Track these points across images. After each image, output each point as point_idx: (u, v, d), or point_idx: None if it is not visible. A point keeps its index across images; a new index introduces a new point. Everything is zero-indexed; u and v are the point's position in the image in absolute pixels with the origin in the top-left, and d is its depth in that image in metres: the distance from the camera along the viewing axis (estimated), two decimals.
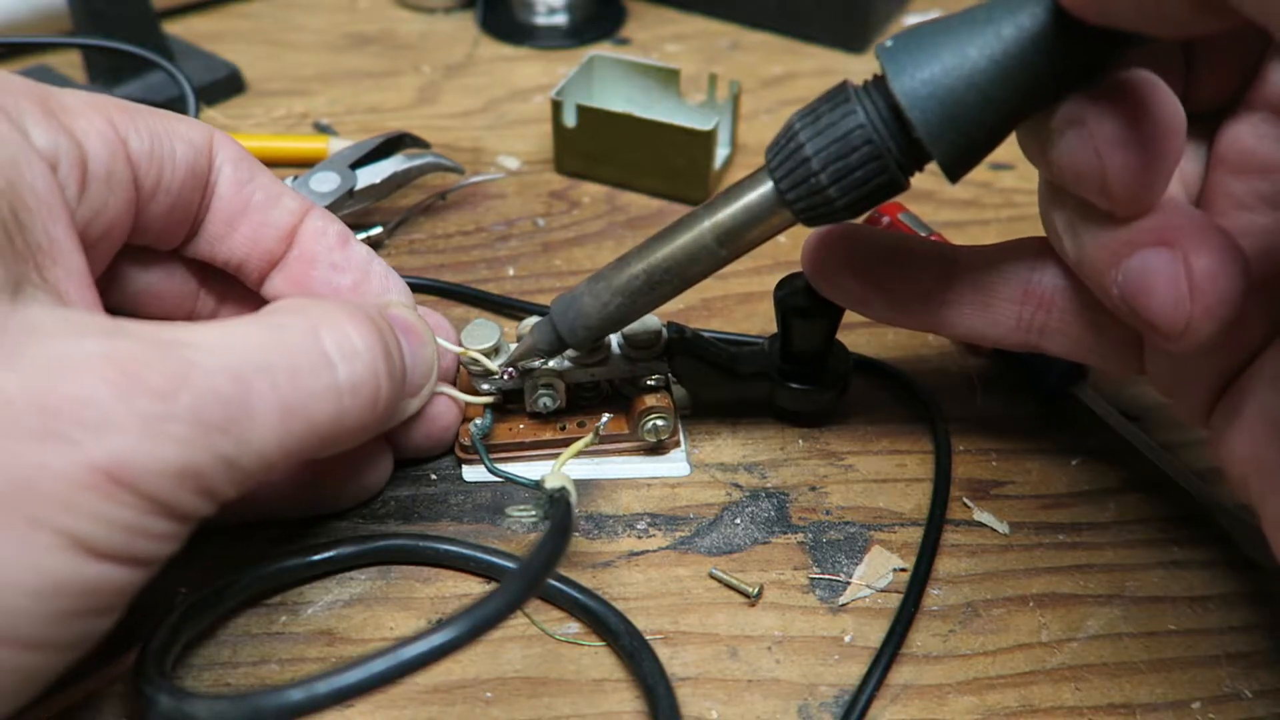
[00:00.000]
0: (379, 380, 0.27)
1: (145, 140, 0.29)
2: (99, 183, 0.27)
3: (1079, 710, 0.29)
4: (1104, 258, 0.26)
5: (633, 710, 0.29)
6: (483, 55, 0.61)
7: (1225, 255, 0.24)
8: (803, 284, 0.34)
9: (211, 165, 0.31)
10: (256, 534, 0.33)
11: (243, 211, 0.32)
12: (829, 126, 0.27)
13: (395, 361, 0.28)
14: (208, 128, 0.32)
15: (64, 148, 0.26)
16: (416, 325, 0.31)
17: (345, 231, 0.34)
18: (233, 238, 0.32)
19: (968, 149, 0.26)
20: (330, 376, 0.25)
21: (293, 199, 0.33)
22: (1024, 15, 0.24)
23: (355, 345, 0.26)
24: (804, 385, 0.36)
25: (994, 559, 0.33)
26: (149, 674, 0.25)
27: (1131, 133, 0.24)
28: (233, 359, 0.23)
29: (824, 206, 0.27)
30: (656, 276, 0.30)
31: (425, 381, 0.32)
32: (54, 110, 0.26)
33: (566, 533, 0.27)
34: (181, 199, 0.30)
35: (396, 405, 0.29)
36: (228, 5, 0.65)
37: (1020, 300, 0.31)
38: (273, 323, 0.25)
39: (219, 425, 0.23)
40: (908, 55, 0.25)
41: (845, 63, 0.60)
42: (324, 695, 0.21)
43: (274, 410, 0.24)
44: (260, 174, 0.33)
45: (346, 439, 0.27)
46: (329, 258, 0.33)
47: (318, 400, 0.25)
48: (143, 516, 0.22)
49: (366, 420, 0.27)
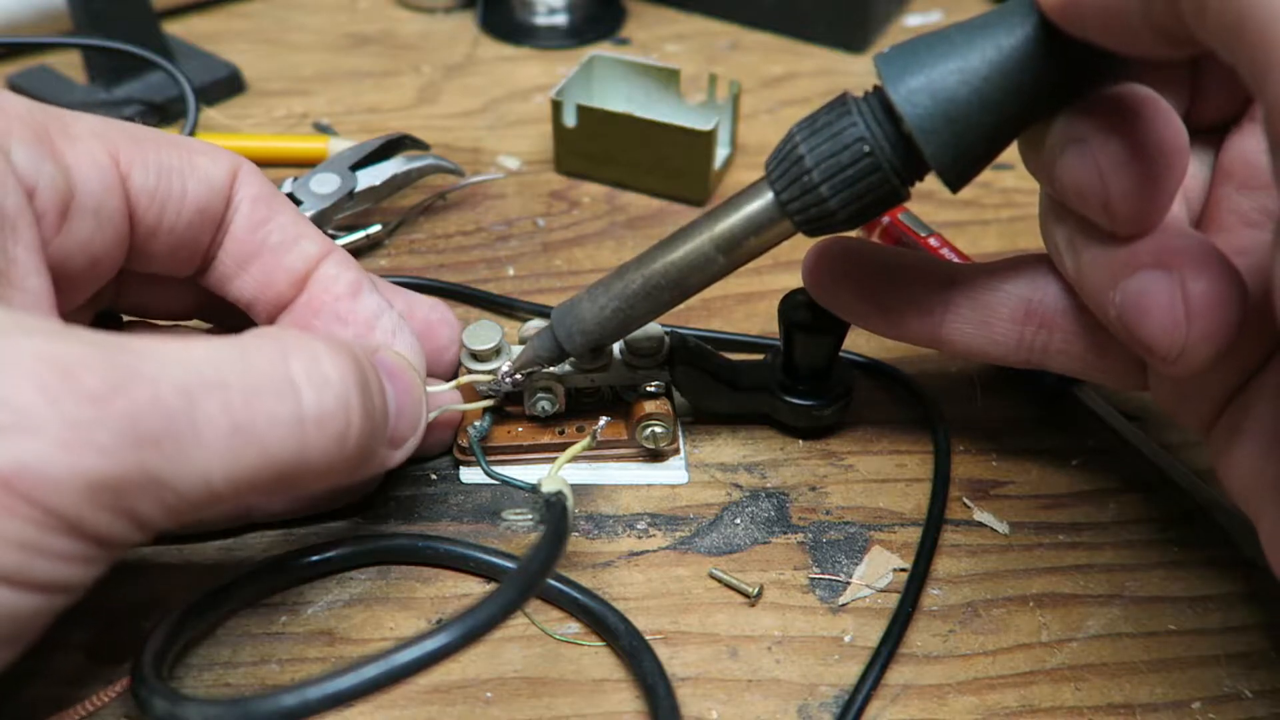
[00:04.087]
0: (350, 414, 0.24)
1: (151, 176, 0.28)
2: (86, 214, 0.26)
3: (1079, 710, 0.29)
4: (1103, 277, 0.26)
5: (633, 710, 0.29)
6: (483, 55, 0.61)
7: (1223, 280, 0.24)
8: (806, 299, 0.34)
9: (230, 203, 0.30)
10: (256, 534, 0.33)
11: (256, 253, 0.31)
12: (828, 136, 0.27)
13: (373, 400, 0.26)
14: (233, 161, 0.30)
15: (47, 174, 0.25)
16: (407, 373, 0.29)
17: (359, 281, 0.32)
18: (243, 278, 0.31)
19: (967, 158, 0.26)
20: (293, 403, 0.23)
21: (312, 243, 0.32)
22: (1022, 25, 0.24)
23: (326, 373, 0.24)
24: (805, 400, 0.35)
25: (994, 559, 0.33)
26: (145, 677, 0.25)
27: (1135, 153, 0.24)
28: (182, 372, 0.21)
29: (823, 216, 0.27)
30: (655, 284, 0.30)
31: (410, 433, 0.29)
32: (50, 137, 0.26)
33: (562, 537, 0.27)
34: (188, 237, 0.29)
35: (372, 449, 0.26)
36: (228, 5, 0.65)
37: (1022, 320, 0.30)
38: (240, 343, 0.24)
39: (153, 439, 0.20)
40: (906, 64, 0.25)
41: (845, 63, 0.60)
42: (316, 700, 0.21)
43: (222, 432, 0.22)
44: (280, 214, 0.31)
45: (311, 477, 0.24)
46: (335, 308, 0.31)
47: (276, 428, 0.23)
48: (42, 533, 0.19)
49: (333, 458, 0.24)
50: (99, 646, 0.30)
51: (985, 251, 0.46)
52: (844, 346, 0.36)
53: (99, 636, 0.30)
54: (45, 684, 0.29)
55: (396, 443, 0.28)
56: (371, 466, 0.28)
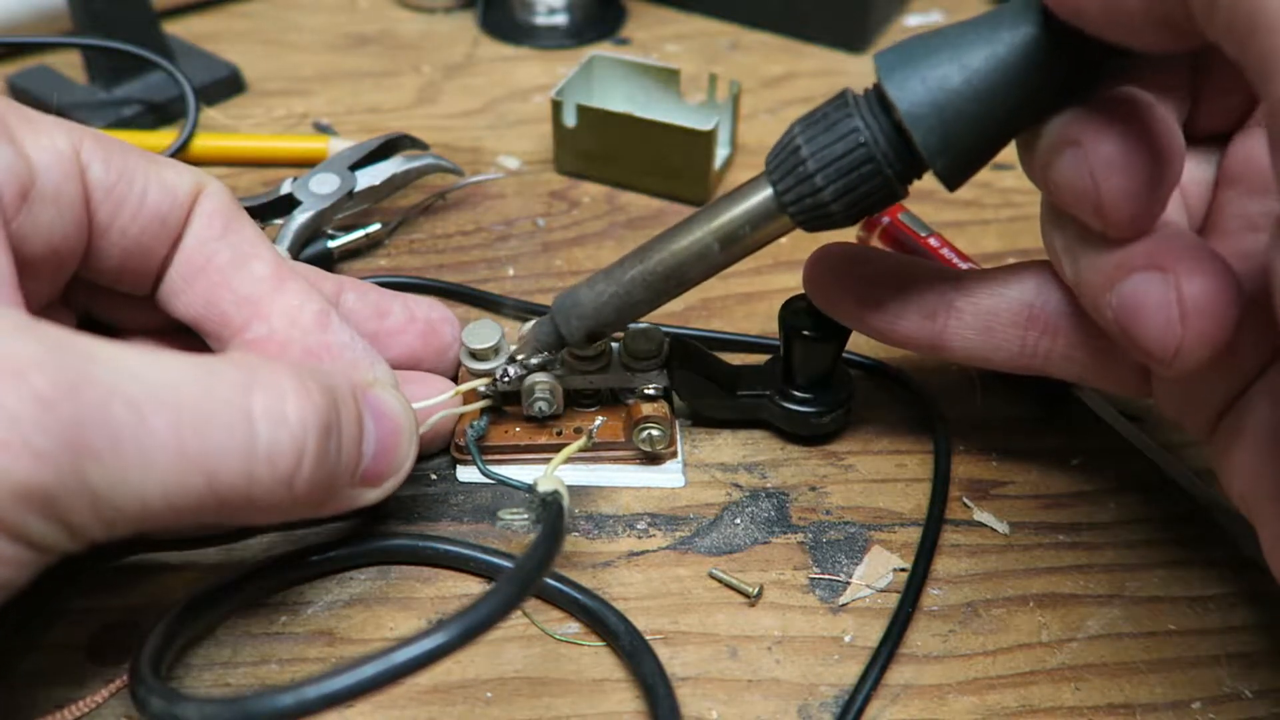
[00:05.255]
0: (302, 458, 0.24)
1: (111, 174, 0.28)
2: (45, 200, 0.26)
3: (1079, 710, 0.29)
4: (1099, 280, 0.26)
5: (633, 710, 0.29)
6: (483, 55, 0.61)
7: (1218, 281, 0.24)
8: (806, 305, 0.33)
9: (187, 216, 0.30)
10: (256, 534, 0.33)
11: (202, 269, 0.30)
12: (826, 132, 0.27)
13: (334, 444, 0.25)
14: (200, 178, 0.30)
15: (6, 158, 0.26)
16: (396, 412, 0.28)
17: (325, 311, 0.31)
18: (188, 294, 0.30)
19: (964, 157, 0.26)
20: (246, 436, 0.23)
21: (264, 265, 0.30)
22: (1021, 24, 0.24)
23: (286, 413, 0.24)
24: (805, 407, 0.35)
25: (994, 559, 0.33)
26: (143, 675, 0.25)
27: (1128, 156, 0.24)
28: (137, 386, 0.21)
29: (820, 212, 0.28)
30: (654, 276, 0.30)
31: (391, 473, 0.28)
32: (10, 125, 0.26)
33: (559, 535, 0.27)
34: (142, 244, 0.29)
35: (329, 492, 0.26)
36: (228, 5, 0.65)
37: (1024, 325, 0.30)
38: (206, 365, 0.23)
39: (94, 450, 0.20)
40: (905, 62, 0.25)
41: (845, 63, 0.60)
42: (313, 700, 0.21)
43: (168, 454, 0.21)
44: (235, 234, 0.30)
45: (255, 512, 0.24)
46: (303, 342, 0.30)
47: (224, 457, 0.22)
48: None
49: (280, 499, 0.24)
50: (99, 646, 0.30)
51: (985, 251, 0.46)
52: (848, 372, 0.36)
53: (99, 636, 0.30)
54: (45, 684, 0.29)
55: (372, 481, 0.28)
56: (335, 506, 0.27)
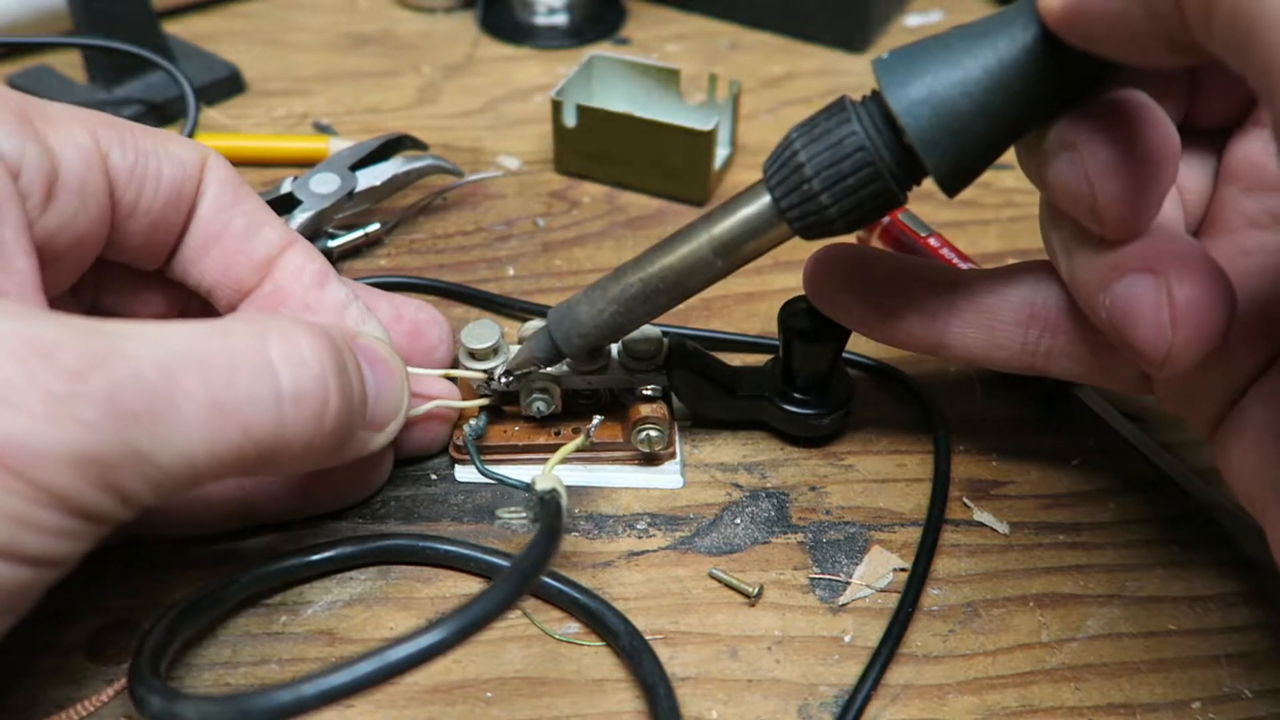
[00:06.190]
0: (327, 393, 0.25)
1: (129, 156, 0.29)
2: (70, 193, 0.27)
3: (1079, 710, 0.29)
4: (1094, 280, 0.26)
5: (633, 710, 0.29)
6: (483, 55, 0.61)
7: (1210, 284, 0.24)
8: (806, 306, 0.33)
9: (199, 187, 0.31)
10: (256, 534, 0.33)
11: (217, 236, 0.31)
12: (824, 139, 0.27)
13: (350, 380, 0.27)
14: (203, 150, 0.31)
15: (31, 154, 0.26)
16: (386, 357, 0.30)
17: (325, 271, 0.33)
18: (204, 261, 0.31)
19: (963, 163, 0.26)
20: (271, 381, 0.24)
21: (274, 231, 0.32)
22: (1020, 32, 0.24)
23: (303, 354, 0.25)
24: (805, 409, 0.35)
25: (994, 559, 0.33)
26: (142, 674, 0.25)
27: (1123, 159, 0.24)
28: (162, 349, 0.22)
29: (819, 219, 0.27)
30: (653, 287, 0.30)
31: (392, 416, 0.30)
32: (30, 119, 0.26)
33: (556, 534, 0.27)
34: (164, 219, 0.30)
35: (350, 429, 0.27)
36: (228, 5, 0.65)
37: (1025, 323, 0.30)
38: (219, 325, 0.24)
39: (134, 414, 0.21)
40: (904, 68, 0.25)
41: (845, 63, 0.60)
42: (311, 697, 0.21)
43: (202, 408, 0.22)
44: (246, 201, 0.32)
45: (291, 456, 0.25)
46: (303, 297, 0.32)
47: (255, 405, 0.23)
48: (33, 507, 0.20)
49: (311, 436, 0.25)
50: (99, 646, 0.30)
51: (985, 251, 0.46)
52: (847, 374, 0.36)
53: (99, 636, 0.30)
54: (45, 684, 0.29)
55: (377, 425, 0.29)
56: (353, 449, 0.28)
